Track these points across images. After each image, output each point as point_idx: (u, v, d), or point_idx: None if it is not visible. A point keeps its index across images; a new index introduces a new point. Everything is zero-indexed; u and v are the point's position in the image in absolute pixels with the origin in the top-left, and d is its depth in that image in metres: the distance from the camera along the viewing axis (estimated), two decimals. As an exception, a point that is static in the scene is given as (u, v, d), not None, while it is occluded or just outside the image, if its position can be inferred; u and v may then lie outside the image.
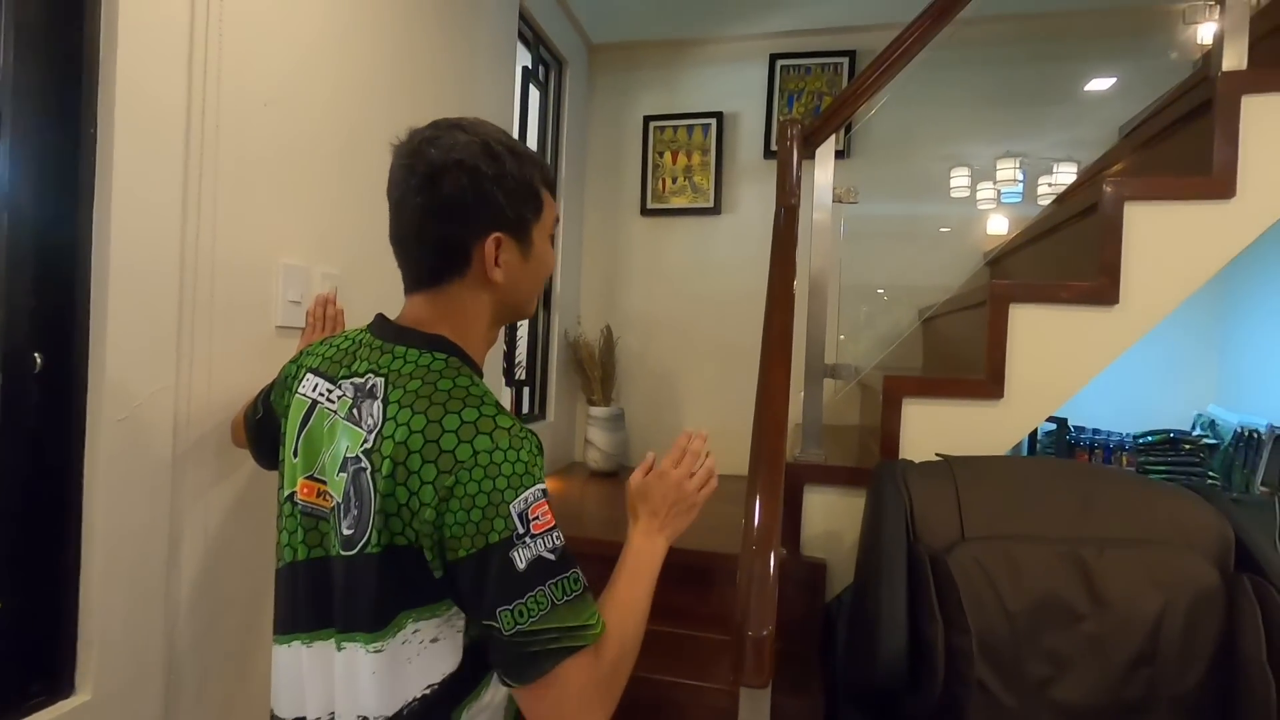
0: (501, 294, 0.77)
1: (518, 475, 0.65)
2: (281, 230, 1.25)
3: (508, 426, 0.66)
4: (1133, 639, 1.16)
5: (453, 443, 0.65)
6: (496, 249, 0.74)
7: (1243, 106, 1.47)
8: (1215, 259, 1.49)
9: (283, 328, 1.25)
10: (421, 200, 0.73)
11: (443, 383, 0.69)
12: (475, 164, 0.72)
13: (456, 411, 0.66)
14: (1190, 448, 2.08)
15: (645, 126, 2.90)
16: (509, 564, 0.63)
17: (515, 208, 0.75)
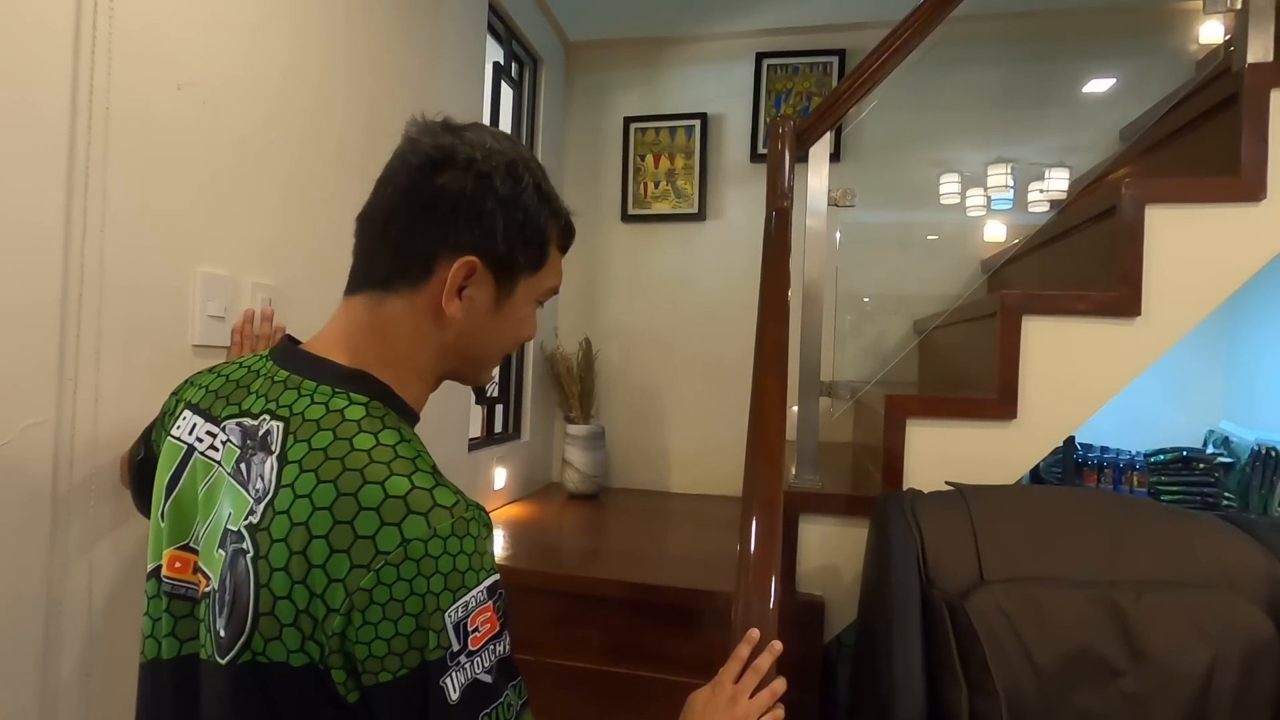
0: (454, 337, 0.62)
1: (459, 573, 0.49)
2: (201, 235, 1.08)
3: (450, 504, 0.51)
4: (1179, 699, 1.02)
5: (373, 525, 0.49)
6: (465, 276, 0.60)
7: (1272, 101, 1.35)
8: (1245, 266, 1.37)
9: (202, 347, 1.08)
10: (408, 182, 0.60)
11: (361, 438, 0.53)
12: (489, 174, 0.60)
13: (379, 481, 0.50)
14: (1205, 467, 1.96)
15: (626, 128, 2.76)
16: (440, 694, 0.48)
17: (510, 243, 0.61)
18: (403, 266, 0.60)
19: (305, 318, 1.32)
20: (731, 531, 2.16)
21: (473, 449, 2.13)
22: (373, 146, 1.52)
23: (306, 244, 1.32)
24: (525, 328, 0.67)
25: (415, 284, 0.60)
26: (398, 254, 0.59)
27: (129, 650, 0.97)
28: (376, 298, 0.61)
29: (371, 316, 0.61)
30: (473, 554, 0.51)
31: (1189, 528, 1.18)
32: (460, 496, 0.53)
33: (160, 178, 1.00)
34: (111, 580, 0.95)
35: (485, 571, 0.51)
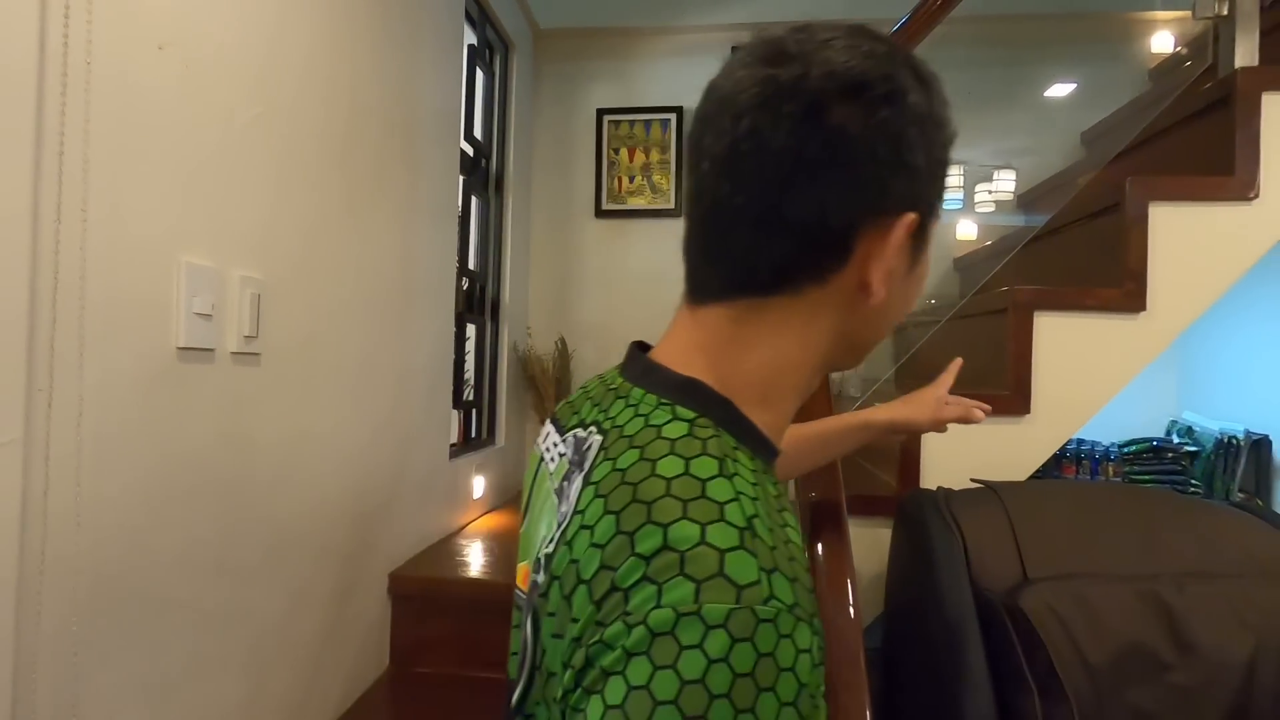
0: (860, 322, 0.44)
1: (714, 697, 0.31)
2: (183, 221, 0.94)
3: (743, 582, 0.33)
4: (1225, 689, 1.03)
5: (633, 577, 0.35)
6: (907, 234, 0.42)
7: (1264, 103, 1.40)
8: (1240, 263, 1.42)
9: (188, 350, 0.94)
10: (792, 142, 0.39)
11: (668, 462, 0.38)
12: (893, 89, 0.39)
13: (664, 523, 0.35)
14: (1173, 456, 2.05)
15: (599, 120, 2.67)
16: None
17: (933, 178, 0.43)
18: (808, 259, 0.42)
19: (295, 316, 1.18)
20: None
21: (452, 456, 2.00)
22: (355, 132, 1.39)
23: (294, 234, 1.18)
24: (922, 286, 0.48)
25: (824, 275, 0.42)
26: (799, 242, 0.41)
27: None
28: (751, 306, 0.44)
29: (737, 329, 0.44)
30: (743, 676, 0.31)
31: (1214, 518, 1.20)
32: (768, 579, 0.34)
33: (141, 153, 0.86)
34: (100, 649, 0.80)
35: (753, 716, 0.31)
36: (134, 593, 0.87)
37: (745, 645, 0.32)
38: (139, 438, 0.87)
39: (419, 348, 1.75)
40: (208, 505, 0.99)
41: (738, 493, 0.37)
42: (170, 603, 0.93)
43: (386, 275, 1.56)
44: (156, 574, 0.91)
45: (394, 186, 1.58)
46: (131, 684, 0.87)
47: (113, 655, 0.84)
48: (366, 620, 1.50)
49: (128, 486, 0.85)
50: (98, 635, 0.81)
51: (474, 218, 2.30)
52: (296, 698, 1.24)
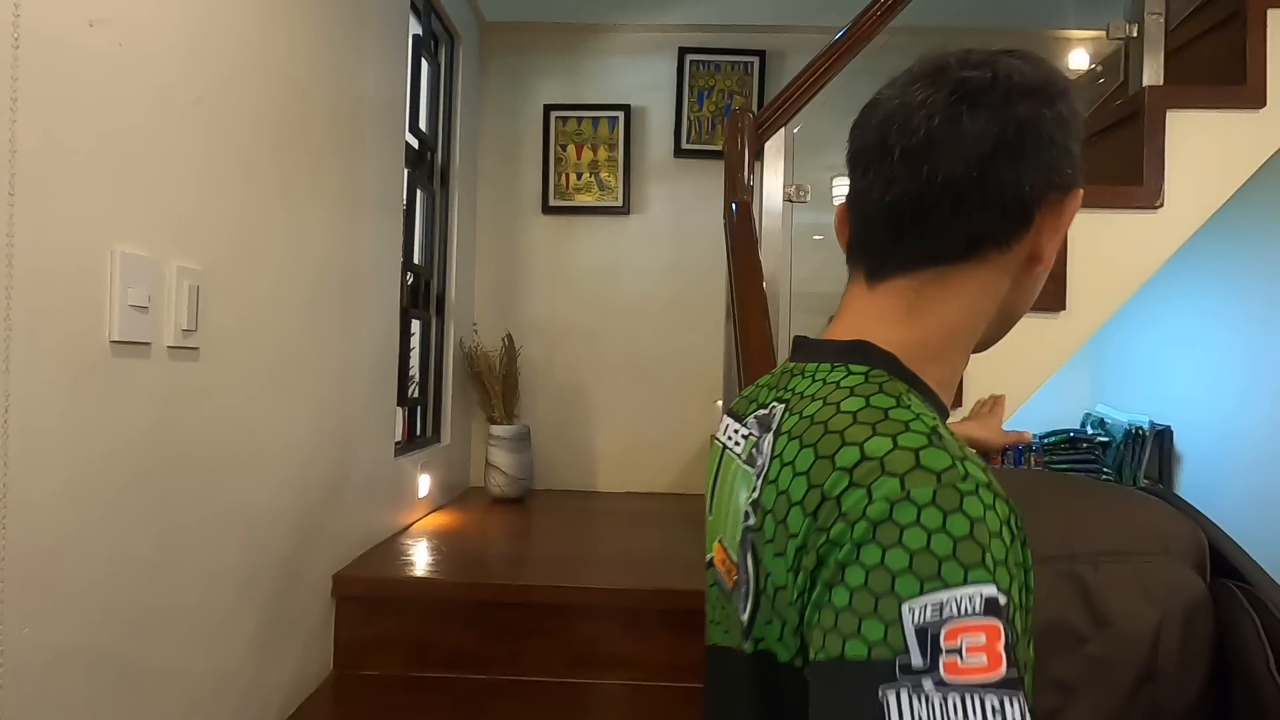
0: (1018, 291, 0.52)
1: (934, 556, 0.35)
2: (116, 207, 0.89)
3: (940, 469, 0.38)
4: (1134, 657, 1.12)
5: (841, 486, 0.39)
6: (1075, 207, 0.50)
7: (1168, 119, 1.52)
8: (1147, 267, 1.54)
9: (123, 344, 0.89)
10: (989, 127, 0.46)
11: (850, 401, 0.44)
12: (1062, 89, 0.48)
13: (859, 442, 0.41)
14: (1088, 446, 2.20)
15: (546, 116, 2.66)
16: (876, 712, 0.33)
17: (1078, 159, 0.50)
18: (1000, 226, 0.48)
19: (236, 309, 1.14)
20: (669, 528, 2.15)
21: (397, 455, 1.96)
22: (297, 119, 1.34)
23: (235, 224, 1.14)
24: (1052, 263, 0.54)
25: (1012, 241, 0.49)
26: (998, 212, 0.48)
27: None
28: (939, 274, 0.50)
29: (918, 298, 0.50)
30: (963, 539, 0.35)
31: (1126, 501, 1.29)
32: (961, 464, 0.38)
33: (71, 135, 0.81)
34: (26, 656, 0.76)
35: (984, 572, 0.35)
36: (64, 599, 0.82)
37: (957, 515, 0.36)
38: (70, 436, 0.82)
39: (363, 343, 1.71)
40: (143, 506, 0.95)
41: (917, 414, 0.43)
42: (103, 608, 0.89)
43: (330, 269, 1.51)
44: (88, 578, 0.86)
45: (337, 177, 1.53)
46: (63, 692, 0.83)
47: (41, 663, 0.80)
48: (309, 622, 1.46)
49: (58, 488, 0.81)
50: (24, 642, 0.77)
51: (419, 211, 2.26)
52: (236, 704, 1.19)
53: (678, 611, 1.57)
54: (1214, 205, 1.53)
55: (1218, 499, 1.40)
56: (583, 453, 2.67)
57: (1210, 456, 2.02)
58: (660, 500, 2.55)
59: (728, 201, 1.57)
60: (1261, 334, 1.85)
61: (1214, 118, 1.52)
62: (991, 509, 0.37)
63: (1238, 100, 1.52)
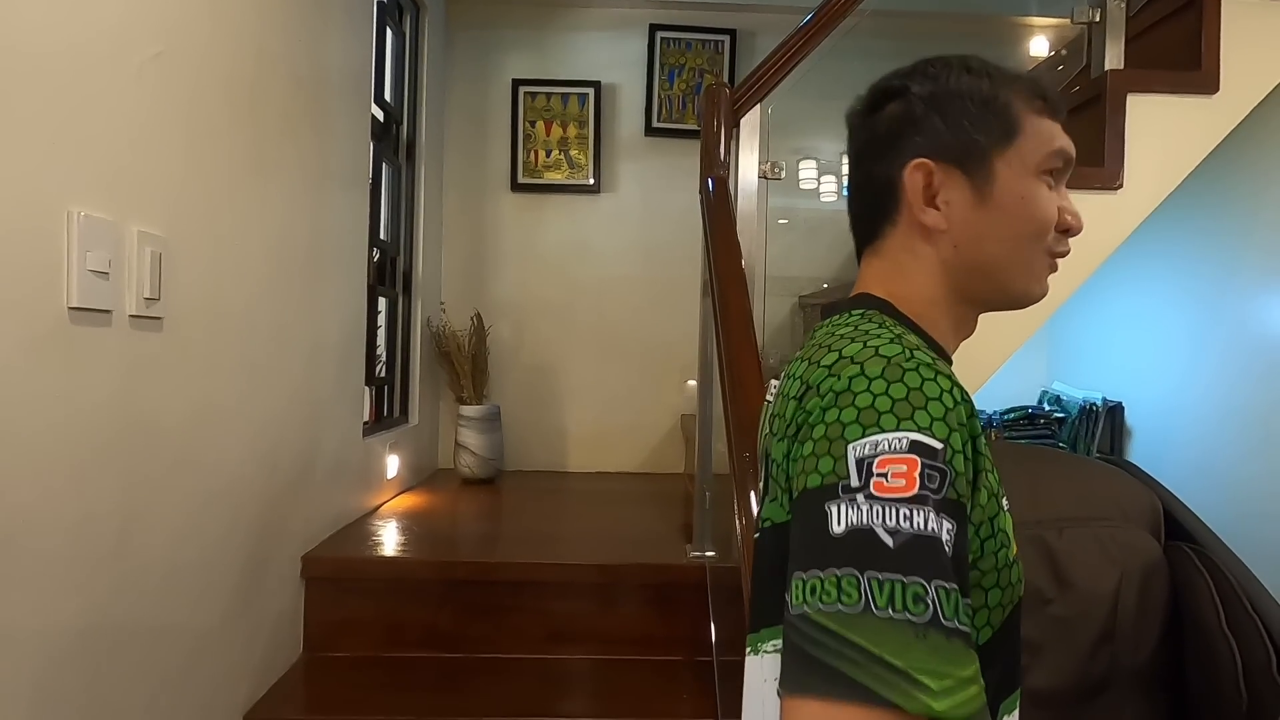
0: (951, 249, 0.57)
1: (875, 411, 0.45)
2: (71, 167, 0.84)
3: (891, 354, 0.48)
4: (1095, 618, 1.18)
5: (821, 377, 0.50)
6: (924, 180, 0.57)
7: (1128, 103, 1.57)
8: (1106, 246, 1.59)
9: (82, 310, 0.85)
10: (859, 132, 0.61)
11: (846, 329, 0.54)
12: (907, 85, 0.58)
13: (840, 349, 0.51)
14: (1045, 421, 2.29)
15: (515, 91, 2.61)
16: (823, 519, 0.44)
17: (957, 129, 0.56)
18: (878, 207, 0.59)
19: (200, 279, 1.10)
20: (641, 506, 2.16)
21: (365, 435, 1.92)
22: (262, 82, 1.29)
23: (199, 189, 1.09)
24: (1037, 208, 0.56)
25: (893, 214, 0.59)
26: (869, 197, 0.60)
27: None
28: (875, 249, 0.61)
29: (873, 265, 0.60)
30: (900, 399, 0.45)
31: (1086, 470, 1.35)
32: (913, 353, 0.48)
33: (22, 89, 0.76)
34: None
35: (913, 423, 0.44)
36: (20, 581, 0.78)
37: (898, 383, 0.46)
38: (27, 407, 0.78)
39: (330, 320, 1.66)
40: (104, 482, 0.91)
41: (898, 334, 0.51)
42: (62, 589, 0.85)
43: (296, 241, 1.46)
44: (46, 558, 0.82)
45: (303, 145, 1.48)
46: (19, 674, 0.79)
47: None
48: (278, 604, 1.42)
49: (14, 461, 0.77)
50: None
51: (385, 186, 2.20)
52: (203, 689, 1.16)
53: (651, 586, 1.58)
54: (1170, 187, 1.59)
55: (1165, 469, 1.47)
56: (553, 433, 2.65)
57: (1158, 430, 2.11)
58: (632, 480, 2.56)
59: (704, 176, 1.57)
60: (1206, 314, 1.93)
61: (1171, 102, 1.58)
62: (932, 381, 0.46)
63: (1193, 85, 1.58)
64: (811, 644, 0.41)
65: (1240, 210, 1.81)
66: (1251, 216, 1.78)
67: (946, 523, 0.43)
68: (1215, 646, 1.10)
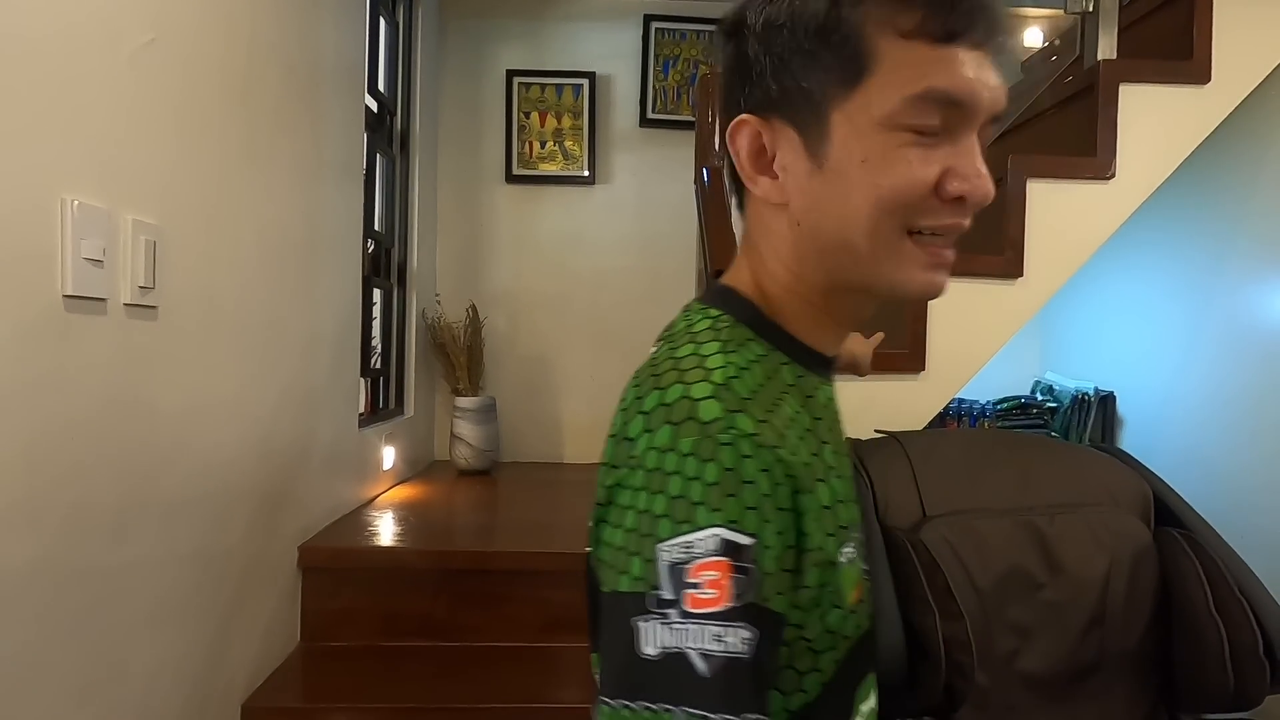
0: (797, 221, 0.47)
1: (686, 502, 0.39)
2: (64, 155, 0.84)
3: (709, 420, 0.41)
4: (1086, 602, 1.19)
5: (639, 429, 0.43)
6: (747, 144, 0.47)
7: (1121, 93, 1.58)
8: (1099, 235, 1.60)
9: (77, 299, 0.85)
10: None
11: (685, 347, 0.46)
12: (742, 17, 0.46)
13: (664, 386, 0.44)
14: (1037, 411, 2.30)
15: (509, 82, 2.60)
16: (632, 639, 0.38)
17: (780, 74, 0.44)
18: (732, 173, 0.50)
19: (195, 268, 1.10)
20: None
21: (361, 426, 1.92)
22: (256, 72, 1.28)
23: (192, 178, 1.09)
24: (886, 175, 0.43)
25: (739, 183, 0.50)
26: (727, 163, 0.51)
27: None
28: (743, 226, 0.53)
29: (743, 241, 0.53)
30: (713, 485, 0.39)
31: (1078, 457, 1.37)
32: (732, 416, 0.41)
33: (14, 75, 0.76)
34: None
35: (724, 515, 0.39)
36: (15, 570, 0.79)
37: (710, 463, 0.40)
38: (22, 395, 0.78)
39: (325, 310, 1.66)
40: (101, 471, 0.91)
41: (728, 363, 0.45)
42: (60, 578, 0.85)
43: (291, 231, 1.46)
44: (42, 548, 0.82)
45: (296, 135, 1.47)
46: (13, 663, 0.79)
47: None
48: (276, 595, 1.43)
49: (9, 450, 0.77)
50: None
51: (379, 177, 2.19)
52: (200, 678, 1.16)
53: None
54: (1162, 176, 1.60)
55: (1157, 458, 1.48)
56: (549, 424, 2.66)
57: (1150, 421, 2.13)
58: (627, 471, 2.56)
59: (699, 167, 1.57)
60: (1201, 302, 1.94)
61: (1163, 92, 1.58)
62: (750, 458, 0.41)
63: (1185, 75, 1.58)
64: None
65: (1232, 200, 1.82)
66: (1243, 206, 1.79)
67: (746, 633, 0.38)
68: (1203, 628, 1.12)
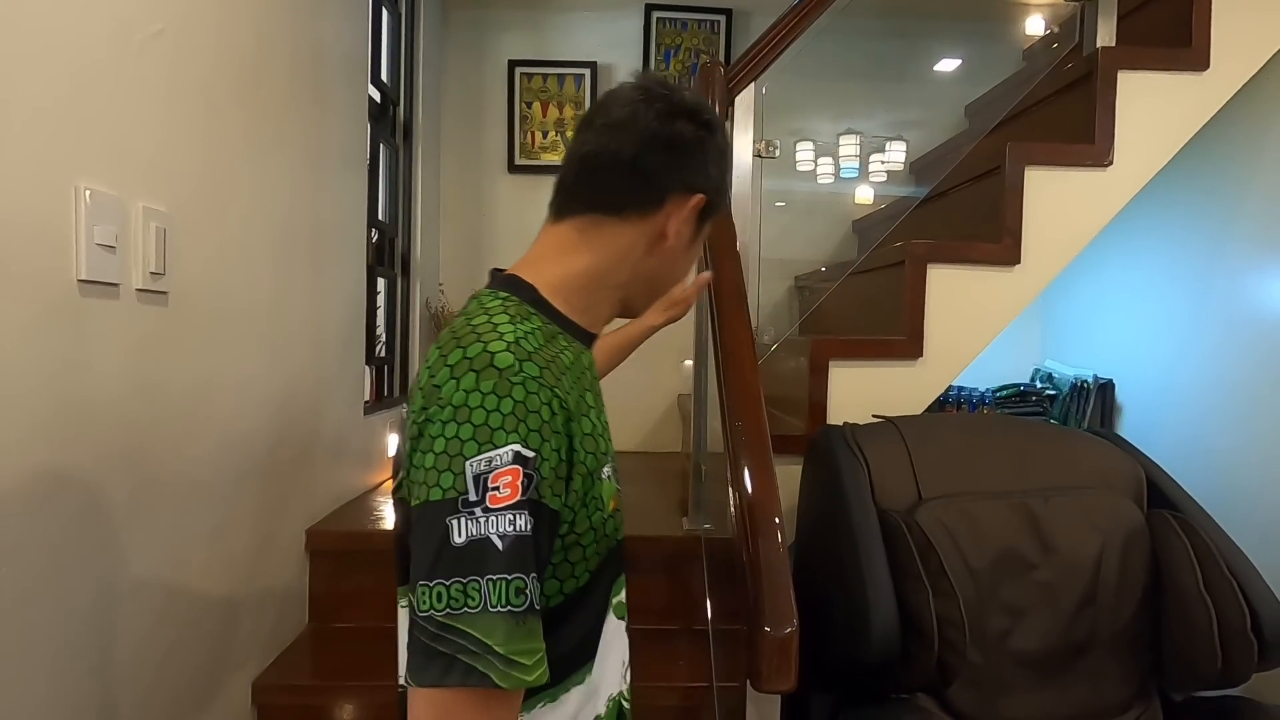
0: (655, 263, 0.67)
1: (489, 428, 0.52)
2: (77, 144, 0.86)
3: (505, 366, 0.54)
4: (1078, 582, 1.21)
5: (445, 378, 0.55)
6: (694, 210, 0.65)
7: (1119, 80, 1.58)
8: (1097, 222, 1.61)
9: (89, 283, 0.87)
10: (656, 125, 0.64)
11: (479, 318, 0.59)
12: (715, 128, 0.66)
13: (465, 345, 0.56)
14: (1036, 398, 2.31)
15: (511, 72, 2.61)
16: (446, 533, 0.51)
17: (717, 189, 0.67)
18: (642, 195, 0.64)
19: (203, 255, 1.12)
20: (640, 483, 2.19)
21: (366, 413, 1.94)
22: (261, 62, 1.30)
23: (200, 167, 1.11)
24: (688, 265, 0.72)
25: (646, 211, 0.65)
26: (643, 184, 0.64)
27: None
28: (596, 221, 0.65)
29: (584, 237, 0.65)
30: (508, 414, 0.52)
31: (1073, 441, 1.38)
32: (523, 364, 0.55)
33: (29, 66, 0.78)
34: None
35: (517, 436, 0.52)
36: (34, 549, 0.81)
37: (507, 399, 0.53)
38: (41, 376, 0.80)
39: (331, 298, 1.68)
40: (114, 453, 0.93)
41: (515, 328, 0.57)
42: (74, 559, 0.88)
43: (296, 220, 1.48)
44: (59, 528, 0.85)
45: (300, 125, 1.49)
46: (32, 645, 0.82)
47: (9, 613, 0.79)
48: (284, 576, 1.46)
49: (29, 430, 0.79)
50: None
51: (382, 167, 2.21)
52: (212, 656, 1.20)
53: (649, 557, 1.61)
54: (1160, 163, 1.60)
55: (1155, 446, 1.50)
56: (552, 413, 2.68)
57: (1149, 408, 2.14)
58: (631, 459, 2.59)
59: (699, 156, 1.58)
60: (1200, 290, 1.95)
61: (1162, 79, 1.59)
62: (535, 394, 0.54)
63: (1183, 62, 1.59)
64: (438, 640, 0.49)
65: (1230, 188, 1.82)
66: (1241, 193, 1.79)
67: (534, 520, 0.52)
68: (1193, 607, 1.14)
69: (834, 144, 2.90)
